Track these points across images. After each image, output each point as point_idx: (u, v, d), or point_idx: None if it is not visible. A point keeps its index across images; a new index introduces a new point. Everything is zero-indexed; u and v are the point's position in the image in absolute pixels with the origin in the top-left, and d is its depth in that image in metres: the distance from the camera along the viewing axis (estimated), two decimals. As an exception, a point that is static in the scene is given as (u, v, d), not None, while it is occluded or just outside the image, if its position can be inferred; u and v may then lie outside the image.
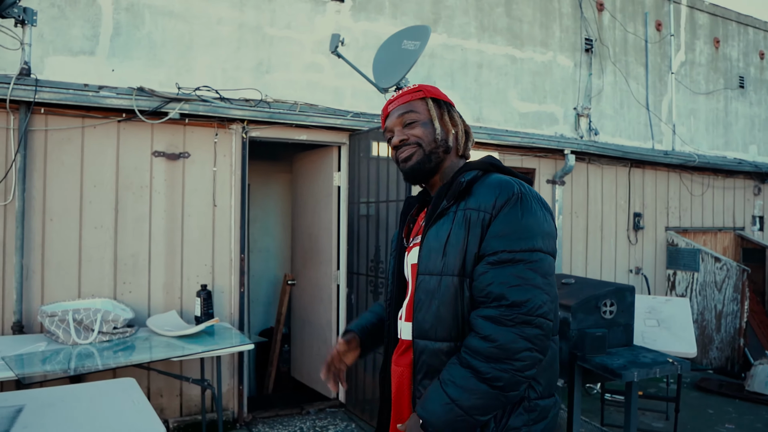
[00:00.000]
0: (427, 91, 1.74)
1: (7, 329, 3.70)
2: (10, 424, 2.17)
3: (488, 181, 1.55)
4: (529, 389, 1.47)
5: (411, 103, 1.72)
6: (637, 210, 6.43)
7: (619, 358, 3.44)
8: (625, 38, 7.76)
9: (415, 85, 1.77)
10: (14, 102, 3.67)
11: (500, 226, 1.45)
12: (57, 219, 3.86)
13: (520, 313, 1.38)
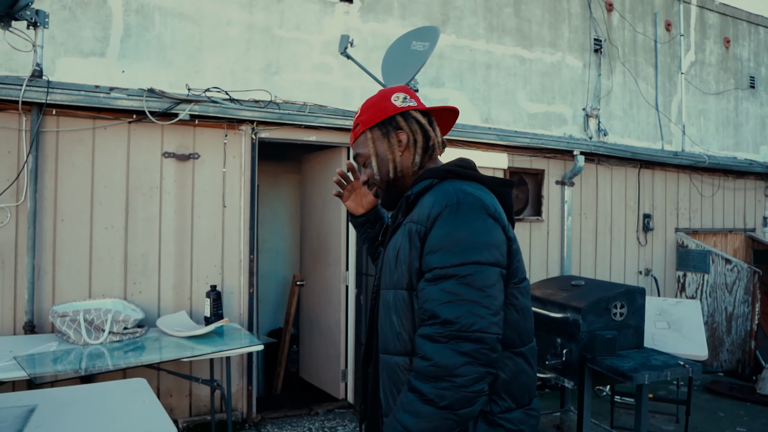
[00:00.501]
0: (364, 122, 1.67)
1: (18, 329, 3.73)
2: (23, 424, 2.19)
3: (433, 190, 1.50)
4: (492, 403, 1.44)
5: (357, 142, 1.69)
6: (647, 211, 6.40)
7: (630, 360, 3.43)
8: (634, 38, 7.72)
9: (357, 112, 1.71)
10: (26, 103, 3.69)
11: (433, 240, 1.41)
12: (68, 219, 3.88)
13: (453, 330, 1.33)
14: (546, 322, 3.77)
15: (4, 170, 3.72)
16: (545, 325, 3.78)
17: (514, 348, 1.48)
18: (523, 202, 5.69)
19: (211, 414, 4.14)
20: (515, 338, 1.48)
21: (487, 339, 1.34)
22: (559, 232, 5.79)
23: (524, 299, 1.52)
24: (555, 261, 5.76)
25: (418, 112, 1.66)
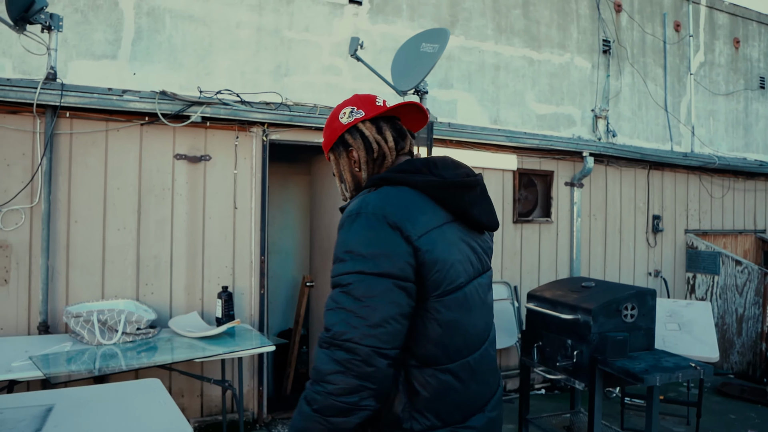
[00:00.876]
0: (324, 145, 1.69)
1: (33, 329, 3.76)
2: (41, 423, 2.21)
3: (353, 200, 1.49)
4: (412, 421, 1.40)
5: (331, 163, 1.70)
6: (656, 212, 6.39)
7: (641, 362, 3.43)
8: (643, 39, 7.70)
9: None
10: (40, 106, 3.73)
11: (334, 250, 1.42)
12: (81, 221, 3.91)
13: (328, 336, 1.33)
14: (556, 323, 3.78)
15: (19, 172, 3.76)
16: (555, 327, 3.79)
17: (439, 365, 1.42)
18: (533, 203, 5.69)
19: (223, 414, 4.17)
20: (439, 355, 1.42)
21: (359, 351, 1.30)
22: (569, 234, 5.78)
23: (451, 313, 1.43)
24: (564, 262, 5.76)
25: (367, 122, 1.61)
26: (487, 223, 1.58)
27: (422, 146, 4.11)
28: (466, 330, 1.46)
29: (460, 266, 1.47)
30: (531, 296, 4.12)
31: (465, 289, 1.47)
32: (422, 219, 1.42)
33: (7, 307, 3.72)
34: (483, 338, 1.55)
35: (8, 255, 3.73)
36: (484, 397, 1.52)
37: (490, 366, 1.57)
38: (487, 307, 1.60)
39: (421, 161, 1.54)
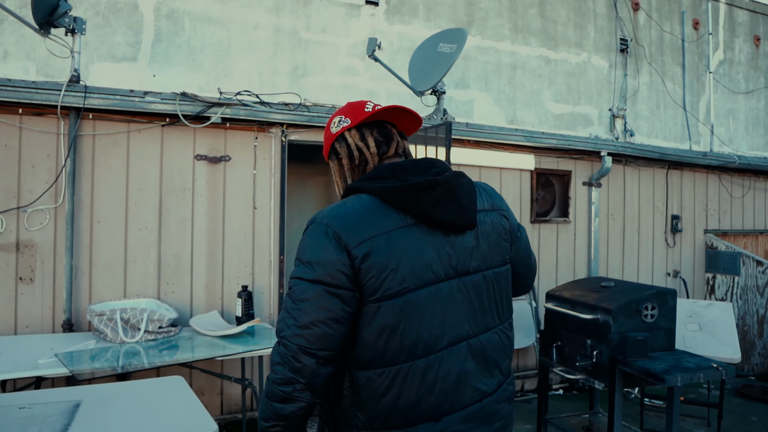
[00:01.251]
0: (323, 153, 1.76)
1: (57, 327, 3.82)
2: (70, 419, 2.26)
3: None
4: (355, 419, 1.44)
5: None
6: (675, 212, 6.33)
7: (662, 362, 3.41)
8: (661, 38, 7.64)
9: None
10: (64, 108, 3.79)
11: None
12: (104, 221, 3.97)
13: (275, 331, 1.48)
14: (576, 323, 3.76)
15: (44, 173, 3.83)
16: (575, 327, 3.78)
17: (373, 368, 1.42)
18: (550, 203, 5.67)
19: (242, 412, 4.20)
20: (374, 358, 1.42)
21: (289, 347, 1.41)
22: (586, 234, 5.76)
23: (386, 318, 1.41)
24: (582, 262, 5.74)
25: (353, 129, 1.64)
26: (457, 222, 1.49)
27: (440, 146, 4.11)
28: (406, 335, 1.42)
29: (408, 271, 1.43)
30: (550, 296, 4.11)
31: (414, 294, 1.43)
32: (366, 227, 1.43)
33: (32, 306, 3.78)
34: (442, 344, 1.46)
35: (33, 254, 3.80)
36: (444, 402, 1.46)
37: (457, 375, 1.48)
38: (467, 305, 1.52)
39: (387, 166, 1.54)
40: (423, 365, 1.44)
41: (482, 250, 1.56)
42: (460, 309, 1.50)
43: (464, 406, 1.49)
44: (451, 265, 1.49)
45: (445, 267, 1.49)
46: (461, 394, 1.49)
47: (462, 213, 1.51)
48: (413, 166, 1.54)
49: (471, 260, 1.53)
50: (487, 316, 1.56)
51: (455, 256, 1.51)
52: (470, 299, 1.52)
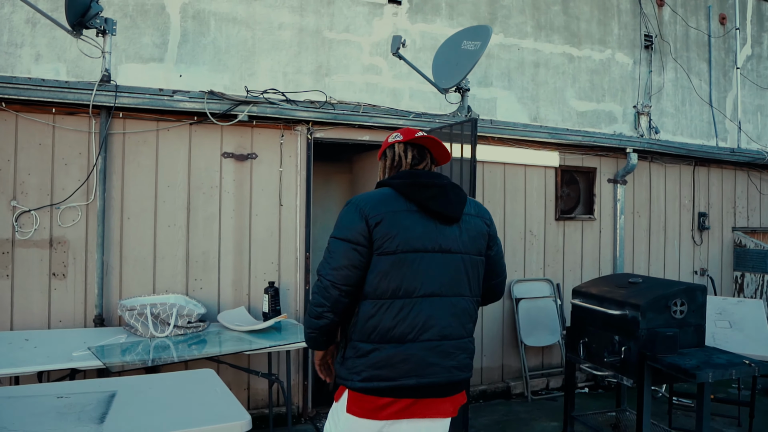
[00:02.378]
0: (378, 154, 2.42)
1: (89, 322, 3.90)
2: (107, 407, 2.30)
3: None
4: (354, 334, 2.10)
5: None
6: (702, 209, 6.25)
7: (692, 358, 3.37)
8: (686, 33, 7.55)
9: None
10: (96, 107, 3.87)
11: None
12: (134, 218, 4.04)
13: (317, 270, 2.16)
14: (603, 319, 3.74)
15: (76, 171, 3.90)
16: (602, 323, 3.75)
17: (368, 299, 2.08)
18: (575, 200, 5.63)
19: (269, 407, 4.24)
20: (369, 292, 2.07)
21: (323, 281, 2.09)
22: (612, 231, 5.71)
23: (382, 266, 2.06)
24: (607, 260, 5.68)
25: (402, 144, 2.31)
26: (445, 212, 2.15)
27: (466, 144, 4.12)
28: (392, 280, 2.07)
29: (405, 239, 2.08)
30: (576, 292, 4.08)
31: (403, 255, 2.07)
32: (381, 206, 2.10)
33: (65, 301, 3.86)
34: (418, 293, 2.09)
35: (66, 251, 3.87)
36: (410, 332, 2.07)
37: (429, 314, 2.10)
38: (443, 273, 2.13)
39: (408, 171, 2.24)
40: (400, 304, 2.08)
41: (463, 239, 2.20)
42: (437, 274, 2.12)
43: (425, 340, 2.09)
44: (436, 243, 2.13)
45: (432, 243, 2.13)
46: (425, 331, 2.09)
47: (449, 207, 2.17)
48: (425, 173, 2.24)
49: (453, 244, 2.17)
50: (460, 286, 2.17)
51: (441, 238, 2.15)
52: (447, 270, 2.14)
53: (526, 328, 5.16)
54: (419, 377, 2.09)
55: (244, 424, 2.25)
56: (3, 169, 3.76)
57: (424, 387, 2.10)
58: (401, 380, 2.08)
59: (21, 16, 5.14)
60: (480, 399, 5.02)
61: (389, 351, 2.07)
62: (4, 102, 3.74)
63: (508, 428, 4.43)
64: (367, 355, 2.06)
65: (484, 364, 5.11)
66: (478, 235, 2.25)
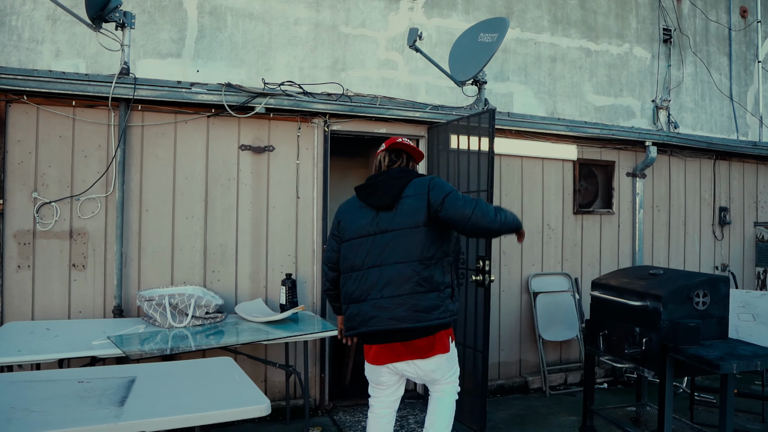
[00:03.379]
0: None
1: (108, 312, 3.93)
2: (127, 392, 2.31)
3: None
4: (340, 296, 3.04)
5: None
6: (723, 204, 6.16)
7: (715, 349, 3.31)
8: (706, 27, 7.46)
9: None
10: (115, 99, 3.89)
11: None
12: (152, 209, 4.06)
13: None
14: (623, 310, 3.69)
15: (95, 163, 3.94)
16: (622, 314, 3.70)
17: (342, 272, 3.00)
18: (593, 194, 5.58)
19: (286, 399, 4.24)
20: (342, 268, 2.99)
21: (323, 259, 3.20)
22: (631, 226, 5.64)
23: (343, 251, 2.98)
24: (626, 255, 5.62)
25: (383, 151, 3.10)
26: (377, 204, 2.90)
27: (484, 136, 4.09)
28: (348, 259, 2.94)
29: (352, 230, 2.95)
30: (595, 284, 4.04)
31: (353, 240, 2.93)
32: (344, 209, 3.09)
33: (85, 291, 3.89)
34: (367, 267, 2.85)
35: (86, 242, 3.91)
36: (362, 294, 2.84)
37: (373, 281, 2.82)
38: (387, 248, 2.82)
39: (371, 176, 3.05)
40: (354, 275, 2.90)
41: (398, 219, 2.84)
42: (378, 250, 2.84)
43: (371, 299, 2.82)
44: (377, 227, 2.88)
45: (373, 228, 2.89)
46: (370, 292, 2.82)
47: (379, 200, 2.90)
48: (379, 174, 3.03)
49: (388, 225, 2.85)
50: (396, 255, 2.80)
51: (381, 222, 2.87)
52: (386, 245, 2.83)
53: (544, 323, 5.11)
54: (366, 326, 2.81)
55: (263, 408, 2.25)
56: (25, 161, 3.80)
57: (371, 334, 2.82)
58: (358, 329, 2.86)
59: (42, 12, 5.21)
60: (497, 393, 4.98)
61: (351, 309, 2.89)
62: (25, 95, 3.78)
63: (526, 422, 4.39)
64: (345, 312, 2.95)
65: (501, 359, 5.07)
66: (411, 211, 2.82)
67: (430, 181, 2.86)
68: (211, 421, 2.11)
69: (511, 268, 5.14)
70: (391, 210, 2.84)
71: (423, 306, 2.75)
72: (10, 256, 3.76)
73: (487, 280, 4.06)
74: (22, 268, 3.78)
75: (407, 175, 2.92)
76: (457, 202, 2.75)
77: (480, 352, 4.12)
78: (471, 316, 4.24)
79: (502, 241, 5.07)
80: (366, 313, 2.79)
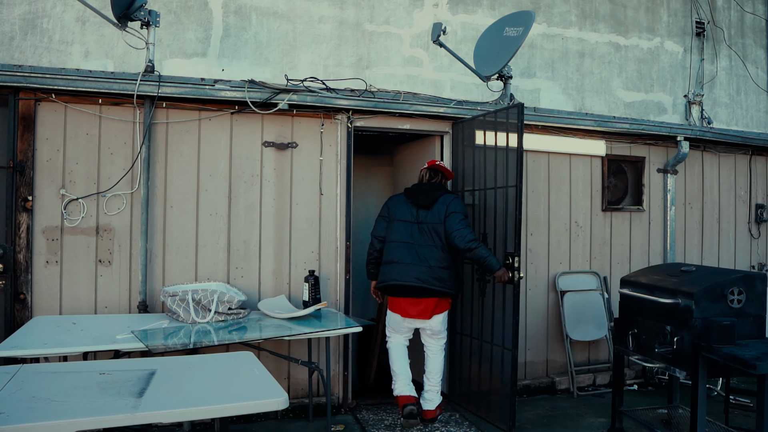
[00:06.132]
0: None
1: (133, 308, 3.96)
2: (147, 384, 2.32)
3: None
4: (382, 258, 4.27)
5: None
6: (760, 201, 5.95)
7: (751, 349, 3.18)
8: (741, 19, 7.23)
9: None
10: (140, 97, 3.93)
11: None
12: (176, 206, 4.09)
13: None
14: (653, 308, 3.58)
15: (121, 160, 3.98)
16: (652, 312, 3.59)
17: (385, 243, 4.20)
18: (622, 191, 5.44)
19: (309, 397, 4.23)
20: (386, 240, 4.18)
21: (372, 233, 4.31)
22: (662, 223, 5.49)
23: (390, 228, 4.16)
24: (657, 253, 5.47)
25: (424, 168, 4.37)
26: (419, 203, 4.14)
27: (512, 132, 4.04)
28: (392, 235, 4.13)
29: (398, 216, 4.16)
30: (624, 282, 3.93)
31: (397, 222, 4.14)
32: (394, 201, 4.27)
33: (111, 287, 3.94)
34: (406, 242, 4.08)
35: (112, 238, 3.95)
36: (400, 259, 4.05)
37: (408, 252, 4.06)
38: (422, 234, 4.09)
39: (415, 184, 4.32)
40: (394, 246, 4.11)
41: (430, 216, 4.09)
42: (411, 233, 4.10)
43: (404, 263, 4.03)
44: (415, 218, 4.12)
45: (411, 217, 4.13)
46: (404, 259, 4.04)
47: (421, 201, 4.12)
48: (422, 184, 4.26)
49: (423, 218, 4.10)
50: (424, 239, 4.07)
51: (419, 216, 4.12)
52: (419, 231, 4.09)
53: (572, 322, 5.00)
54: (397, 280, 4.02)
55: (280, 401, 2.23)
56: (53, 158, 3.87)
57: (400, 287, 4.02)
58: (389, 282, 4.06)
59: (72, 14, 5.30)
60: (524, 394, 4.89)
61: (388, 268, 4.09)
62: (54, 93, 3.84)
63: (553, 423, 4.29)
64: (382, 270, 4.15)
65: (528, 359, 4.98)
66: (439, 214, 4.08)
67: (453, 199, 4.13)
68: (228, 413, 2.09)
69: (538, 266, 5.04)
70: (428, 209, 4.10)
71: (439, 276, 4.00)
72: (38, 251, 3.82)
73: (516, 276, 3.99)
74: (50, 263, 3.84)
75: (441, 190, 4.21)
76: (453, 220, 4.02)
77: (509, 351, 4.05)
78: (499, 313, 4.17)
79: (529, 238, 4.98)
80: (399, 271, 4.01)
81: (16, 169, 3.78)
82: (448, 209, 4.02)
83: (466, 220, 4.05)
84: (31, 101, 3.81)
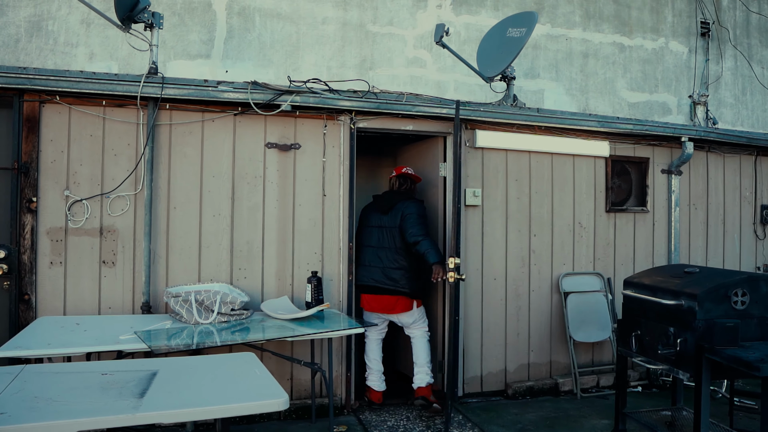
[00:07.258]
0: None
1: (137, 309, 3.98)
2: (148, 384, 2.32)
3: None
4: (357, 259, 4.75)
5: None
6: (765, 202, 5.92)
7: (755, 351, 3.16)
8: (747, 19, 7.20)
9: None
10: (144, 99, 3.95)
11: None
12: (180, 207, 4.11)
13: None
14: (657, 310, 3.57)
15: (124, 161, 4.00)
16: (656, 314, 3.58)
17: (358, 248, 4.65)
18: (626, 192, 5.42)
19: (312, 397, 4.23)
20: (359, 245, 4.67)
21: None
22: (666, 224, 5.47)
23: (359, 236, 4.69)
24: (661, 255, 5.45)
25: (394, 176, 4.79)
26: (382, 209, 4.63)
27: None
28: (361, 241, 4.67)
29: (365, 222, 4.73)
30: (628, 283, 3.92)
31: (365, 228, 4.70)
32: (367, 208, 4.81)
33: (114, 288, 3.95)
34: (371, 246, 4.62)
35: (115, 239, 3.97)
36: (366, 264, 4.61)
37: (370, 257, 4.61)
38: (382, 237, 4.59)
39: (385, 191, 4.80)
40: (365, 251, 4.65)
41: (390, 221, 4.56)
42: (376, 237, 4.62)
43: (370, 266, 4.60)
44: (379, 223, 4.63)
45: (377, 222, 4.64)
46: (368, 261, 4.61)
47: (385, 206, 4.61)
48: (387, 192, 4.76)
49: (385, 223, 4.59)
50: (385, 242, 4.57)
51: (382, 221, 4.61)
52: (381, 235, 4.61)
53: (575, 323, 4.99)
54: (360, 281, 4.56)
55: (281, 402, 2.24)
56: (57, 160, 3.89)
57: (367, 286, 4.55)
58: (361, 281, 4.57)
59: (76, 17, 5.34)
60: (527, 395, 4.88)
61: (361, 270, 4.60)
62: (58, 95, 3.86)
63: (556, 424, 4.28)
64: (356, 271, 4.56)
65: (531, 360, 4.97)
66: (396, 218, 4.51)
67: (411, 203, 4.53)
68: (228, 414, 2.10)
69: (541, 268, 5.03)
70: (387, 214, 4.57)
71: (391, 276, 4.49)
72: (43, 252, 3.84)
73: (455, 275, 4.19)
74: (55, 264, 3.86)
75: (402, 195, 4.63)
76: (408, 221, 4.43)
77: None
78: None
79: (532, 240, 4.97)
80: (362, 273, 4.58)
81: (21, 171, 3.80)
82: (404, 213, 4.44)
83: (419, 219, 4.43)
84: (35, 103, 3.83)
